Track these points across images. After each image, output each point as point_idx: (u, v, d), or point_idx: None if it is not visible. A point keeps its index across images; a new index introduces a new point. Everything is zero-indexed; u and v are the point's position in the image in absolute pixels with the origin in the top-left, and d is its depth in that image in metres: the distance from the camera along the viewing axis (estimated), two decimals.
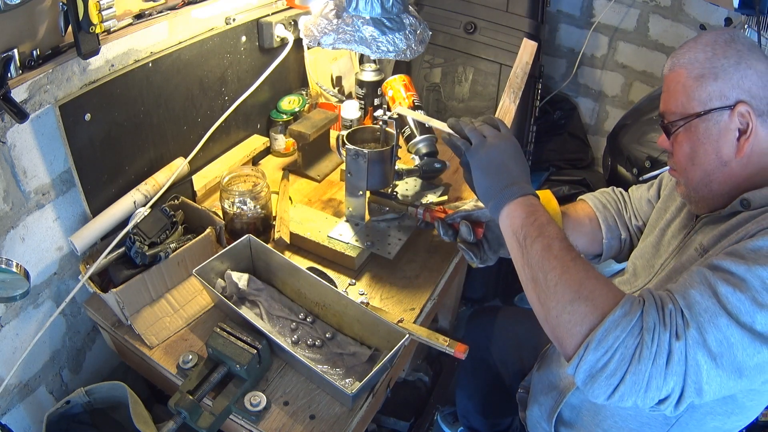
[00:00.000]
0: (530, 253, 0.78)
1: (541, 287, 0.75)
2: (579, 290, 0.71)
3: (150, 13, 1.18)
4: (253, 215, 1.26)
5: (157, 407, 1.25)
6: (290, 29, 1.50)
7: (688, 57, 0.84)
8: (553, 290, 0.73)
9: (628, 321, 0.68)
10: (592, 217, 1.17)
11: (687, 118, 0.84)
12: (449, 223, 1.09)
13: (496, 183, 0.86)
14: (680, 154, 0.87)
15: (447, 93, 2.07)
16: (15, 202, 1.02)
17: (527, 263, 0.78)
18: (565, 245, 0.77)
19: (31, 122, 1.00)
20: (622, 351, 0.68)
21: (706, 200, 0.89)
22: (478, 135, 0.91)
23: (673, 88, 0.86)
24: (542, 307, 0.75)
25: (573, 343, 0.71)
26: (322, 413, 0.96)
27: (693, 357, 0.67)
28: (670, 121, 0.87)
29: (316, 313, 1.13)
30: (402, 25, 1.24)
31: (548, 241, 0.77)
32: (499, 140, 0.90)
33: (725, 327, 0.67)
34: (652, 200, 1.14)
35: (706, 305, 0.69)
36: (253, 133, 1.59)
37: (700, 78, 0.82)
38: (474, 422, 1.62)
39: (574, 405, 1.05)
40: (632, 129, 1.77)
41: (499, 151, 0.88)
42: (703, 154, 0.84)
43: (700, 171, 0.86)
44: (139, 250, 1.07)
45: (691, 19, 2.05)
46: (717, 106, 0.81)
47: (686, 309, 0.69)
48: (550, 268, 0.74)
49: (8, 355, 1.08)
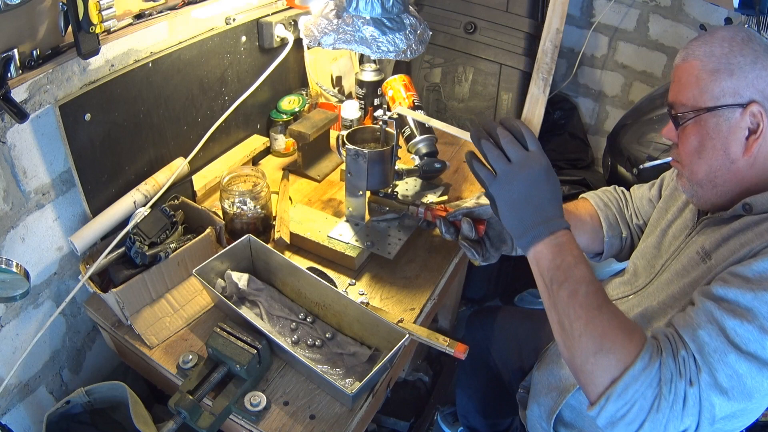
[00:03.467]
0: (556, 298, 0.78)
1: (567, 334, 0.77)
2: (602, 343, 0.73)
3: (150, 13, 1.18)
4: (253, 215, 1.26)
5: (157, 407, 1.25)
6: (290, 29, 1.50)
7: (703, 50, 0.83)
8: (578, 340, 0.75)
9: (647, 374, 0.71)
10: (593, 215, 1.17)
11: (698, 111, 0.83)
12: (451, 220, 1.08)
13: (524, 221, 0.81)
14: (687, 147, 0.86)
15: (447, 93, 2.07)
16: (15, 202, 1.02)
17: (554, 306, 0.79)
18: (591, 290, 0.77)
19: (31, 122, 1.00)
20: (641, 403, 0.71)
21: (709, 196, 0.88)
22: (503, 162, 0.81)
23: (686, 79, 0.84)
24: (567, 351, 0.78)
25: (595, 392, 0.74)
26: (322, 413, 0.96)
27: (707, 399, 0.72)
28: (680, 113, 0.85)
29: (316, 313, 1.13)
30: (402, 25, 1.24)
31: (574, 287, 0.77)
32: (526, 168, 0.80)
33: (734, 362, 0.71)
34: (653, 200, 1.14)
35: (715, 345, 0.72)
36: (253, 133, 1.59)
37: (714, 72, 0.81)
38: (474, 422, 1.63)
39: (574, 406, 1.05)
40: (632, 129, 1.77)
41: (527, 183, 0.80)
42: (711, 149, 0.84)
43: (705, 166, 0.85)
44: (139, 250, 1.07)
45: (691, 19, 2.05)
46: (730, 102, 0.81)
47: (698, 354, 0.72)
48: (575, 317, 0.76)
49: (8, 355, 1.08)
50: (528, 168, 0.80)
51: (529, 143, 0.81)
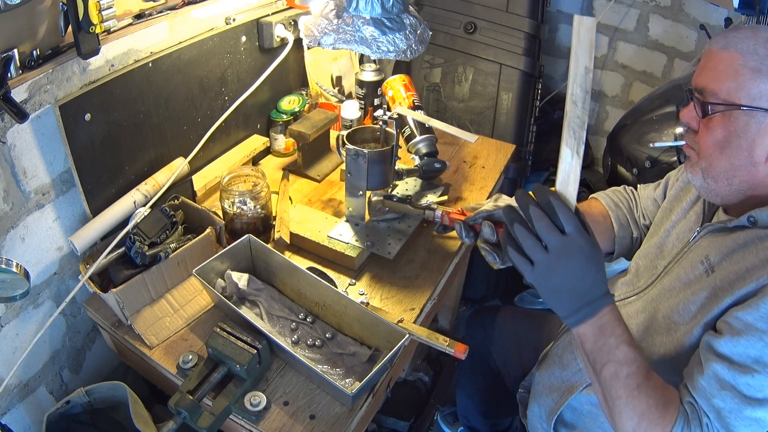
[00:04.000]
0: (599, 376, 0.82)
1: (608, 406, 0.82)
2: (640, 421, 0.79)
3: (150, 13, 1.18)
4: (253, 215, 1.26)
5: (157, 407, 1.25)
6: (290, 29, 1.50)
7: (747, 45, 0.80)
8: (618, 415, 0.81)
9: None
10: (605, 216, 1.18)
11: (730, 105, 0.80)
12: (470, 225, 1.02)
13: (566, 307, 0.80)
14: (709, 138, 0.84)
15: (447, 93, 2.07)
16: (15, 202, 1.02)
17: (596, 381, 0.83)
18: (632, 371, 0.79)
19: (31, 122, 1.00)
20: None
21: (721, 191, 0.87)
22: (540, 252, 0.76)
23: (723, 69, 0.81)
24: (609, 418, 0.84)
25: None
26: (322, 413, 0.96)
27: None
28: (710, 102, 0.82)
29: (316, 313, 1.13)
30: (402, 25, 1.24)
31: (616, 369, 0.79)
32: (564, 256, 0.75)
33: (751, 412, 0.76)
34: (658, 200, 1.15)
35: (730, 407, 0.77)
36: (253, 133, 1.59)
37: (756, 72, 0.79)
38: (474, 422, 1.63)
39: (575, 407, 1.05)
40: (632, 129, 1.77)
41: (567, 271, 0.76)
42: (736, 147, 0.82)
43: (726, 162, 0.84)
44: (139, 250, 1.07)
45: (691, 19, 2.05)
46: (765, 106, 0.79)
47: (717, 421, 0.78)
48: (616, 396, 0.80)
49: (8, 355, 1.08)
50: (566, 255, 0.75)
51: (566, 225, 0.75)
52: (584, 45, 0.75)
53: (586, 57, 0.76)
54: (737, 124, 0.81)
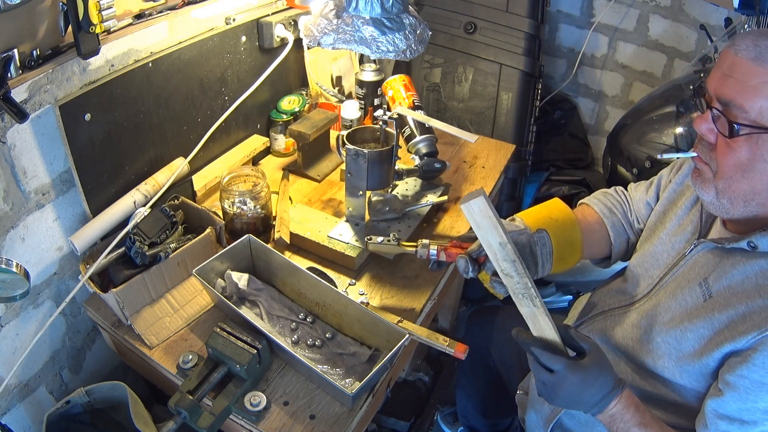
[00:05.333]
0: None
1: None
2: None
3: (150, 13, 1.18)
4: (253, 215, 1.26)
5: (157, 407, 1.25)
6: (290, 29, 1.50)
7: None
8: None
9: None
10: (600, 223, 1.15)
11: (760, 129, 0.75)
12: (475, 257, 0.94)
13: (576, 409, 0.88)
14: (731, 158, 0.79)
15: (447, 93, 2.07)
16: (15, 202, 1.02)
17: None
18: None
19: (31, 122, 1.00)
20: None
21: (733, 211, 0.83)
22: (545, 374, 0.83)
23: (755, 85, 0.74)
24: None
25: None
26: (322, 413, 0.96)
27: None
28: (739, 123, 0.76)
29: (316, 313, 1.13)
30: (402, 25, 1.24)
31: None
32: (558, 387, 0.83)
33: None
34: (651, 202, 1.12)
35: None
36: (253, 133, 1.59)
37: None
38: (474, 422, 1.63)
39: (574, 414, 1.05)
40: (632, 129, 1.77)
41: (565, 395, 0.83)
42: (760, 171, 0.77)
43: (747, 185, 0.79)
44: (139, 250, 1.07)
45: (691, 19, 2.05)
46: None
47: None
48: None
49: (8, 355, 1.08)
50: (560, 387, 0.82)
51: (551, 366, 0.82)
52: (486, 227, 0.73)
53: (494, 235, 0.73)
54: (765, 147, 0.76)
